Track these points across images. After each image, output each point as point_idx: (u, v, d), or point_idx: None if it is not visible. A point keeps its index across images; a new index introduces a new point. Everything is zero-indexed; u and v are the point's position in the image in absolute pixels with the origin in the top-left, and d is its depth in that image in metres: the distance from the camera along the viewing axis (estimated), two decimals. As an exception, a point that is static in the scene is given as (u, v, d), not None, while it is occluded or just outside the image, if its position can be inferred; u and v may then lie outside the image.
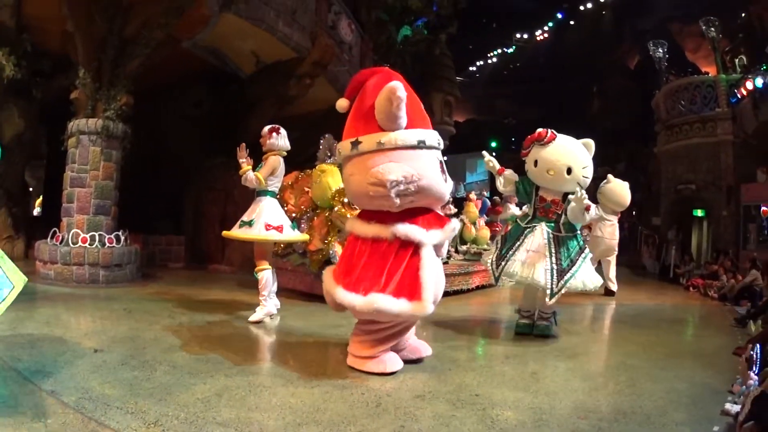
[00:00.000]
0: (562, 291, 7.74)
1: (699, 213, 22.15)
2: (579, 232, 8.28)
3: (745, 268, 14.05)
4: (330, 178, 10.04)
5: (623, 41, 34.49)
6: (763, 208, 19.09)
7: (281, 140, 8.65)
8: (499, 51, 38.83)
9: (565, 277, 7.76)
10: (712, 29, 22.30)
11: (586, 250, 8.20)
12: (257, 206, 8.46)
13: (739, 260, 17.04)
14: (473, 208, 15.33)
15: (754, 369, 5.31)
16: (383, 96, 5.73)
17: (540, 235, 8.03)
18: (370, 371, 5.84)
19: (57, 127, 12.27)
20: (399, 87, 5.67)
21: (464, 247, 14.15)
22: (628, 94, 32.52)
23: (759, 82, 17.77)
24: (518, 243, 8.16)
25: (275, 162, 8.53)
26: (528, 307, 8.43)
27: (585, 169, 8.00)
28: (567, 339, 8.27)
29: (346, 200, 9.67)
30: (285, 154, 8.76)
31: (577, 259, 7.92)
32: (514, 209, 15.85)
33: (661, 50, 24.59)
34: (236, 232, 8.45)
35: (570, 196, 7.86)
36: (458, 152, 30.46)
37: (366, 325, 6.06)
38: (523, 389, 5.60)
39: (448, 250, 10.54)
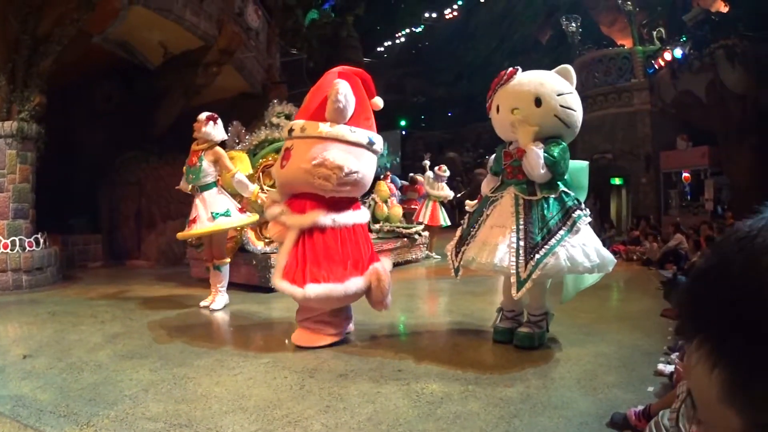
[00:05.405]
0: (534, 276, 5.63)
1: (617, 181, 22.78)
2: (565, 189, 6.12)
3: (668, 233, 14.60)
4: (239, 164, 10.04)
5: (536, 17, 34.78)
6: (684, 174, 19.80)
7: (215, 130, 8.62)
8: (408, 31, 38.88)
9: (538, 256, 5.64)
10: (629, 2, 22.87)
11: (578, 214, 5.92)
12: (221, 194, 8.66)
13: (661, 225, 17.68)
14: (384, 186, 15.38)
15: None
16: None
17: (508, 203, 6.14)
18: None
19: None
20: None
21: (377, 226, 14.22)
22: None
23: (678, 52, 18.46)
24: (481, 219, 6.32)
25: (223, 152, 8.70)
26: (511, 304, 6.44)
27: (562, 97, 6.06)
28: (486, 309, 8.07)
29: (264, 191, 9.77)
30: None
31: (560, 229, 5.79)
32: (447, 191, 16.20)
33: (574, 24, 25.07)
34: (208, 227, 8.43)
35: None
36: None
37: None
38: (447, 361, 5.70)
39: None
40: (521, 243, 5.77)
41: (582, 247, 5.77)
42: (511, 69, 6.32)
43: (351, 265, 6.22)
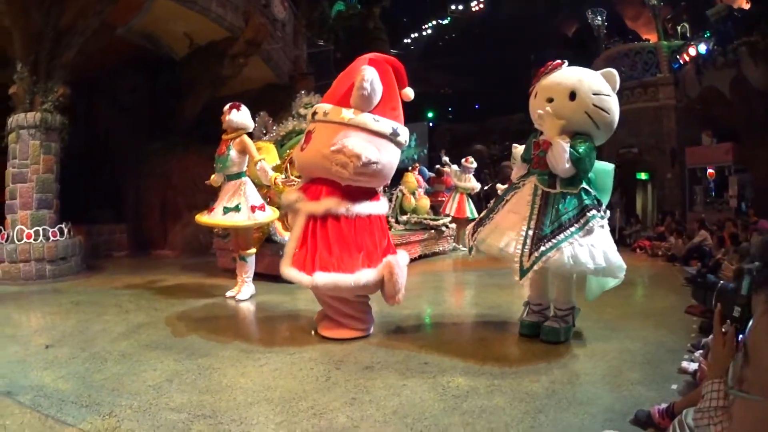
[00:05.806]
0: (536, 267, 5.68)
1: (643, 176, 22.58)
2: (587, 187, 6.07)
3: (693, 229, 14.47)
4: (266, 155, 9.98)
5: (561, 10, 34.57)
6: (709, 171, 19.61)
7: (239, 117, 8.54)
8: (434, 23, 38.85)
9: (543, 248, 5.68)
10: (653, -3, 22.73)
11: (592, 214, 5.87)
12: (239, 188, 8.53)
13: (686, 221, 17.52)
14: (412, 178, 15.40)
15: None
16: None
17: (527, 191, 6.18)
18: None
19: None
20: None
21: (404, 217, 14.27)
22: (566, 61, 32.50)
23: (702, 48, 18.26)
24: (501, 204, 6.41)
25: (249, 141, 8.59)
26: (537, 298, 6.48)
27: (598, 97, 5.97)
28: (513, 303, 8.00)
29: (283, 177, 9.71)
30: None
31: (571, 225, 5.77)
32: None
33: (599, 18, 24.92)
34: (221, 219, 8.44)
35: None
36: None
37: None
38: (472, 355, 5.65)
39: (388, 221, 10.52)
40: (530, 232, 5.82)
41: (589, 248, 5.72)
42: (558, 61, 6.39)
43: (364, 256, 6.09)
